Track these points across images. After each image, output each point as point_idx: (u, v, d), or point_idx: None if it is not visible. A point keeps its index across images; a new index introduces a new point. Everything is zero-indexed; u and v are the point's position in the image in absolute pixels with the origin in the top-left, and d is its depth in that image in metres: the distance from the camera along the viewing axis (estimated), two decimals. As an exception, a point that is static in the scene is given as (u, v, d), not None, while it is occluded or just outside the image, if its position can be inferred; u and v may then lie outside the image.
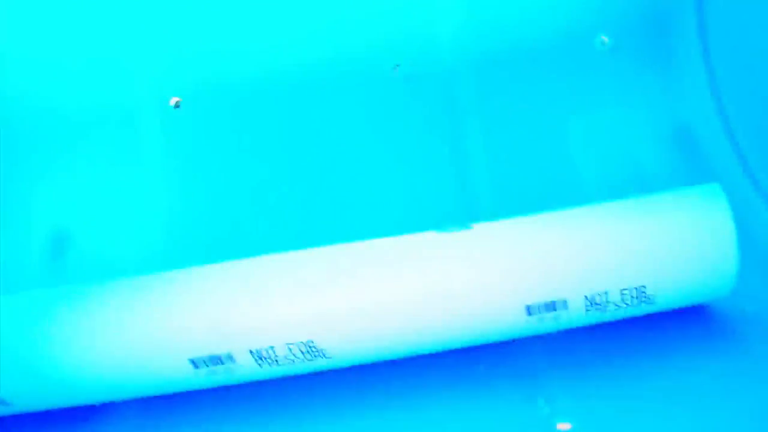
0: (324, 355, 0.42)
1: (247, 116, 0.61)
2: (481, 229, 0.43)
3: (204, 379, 0.43)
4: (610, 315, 0.44)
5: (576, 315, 0.43)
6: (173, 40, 0.61)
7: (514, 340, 0.45)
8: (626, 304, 0.43)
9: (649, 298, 0.43)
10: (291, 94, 0.60)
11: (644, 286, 0.42)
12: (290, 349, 0.42)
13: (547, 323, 0.43)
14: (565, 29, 0.61)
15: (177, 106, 0.61)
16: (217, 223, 0.58)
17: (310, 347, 0.42)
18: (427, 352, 0.44)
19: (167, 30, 0.61)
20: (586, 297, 0.42)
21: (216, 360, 0.42)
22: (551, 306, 0.42)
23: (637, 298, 0.43)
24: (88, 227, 0.60)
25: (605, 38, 0.60)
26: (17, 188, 0.61)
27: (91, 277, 0.49)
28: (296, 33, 0.60)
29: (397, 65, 0.59)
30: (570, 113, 0.60)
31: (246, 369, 0.42)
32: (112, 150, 0.61)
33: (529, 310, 0.42)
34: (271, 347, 0.41)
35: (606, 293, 0.42)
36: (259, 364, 0.42)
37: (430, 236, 0.43)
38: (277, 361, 0.42)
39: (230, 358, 0.42)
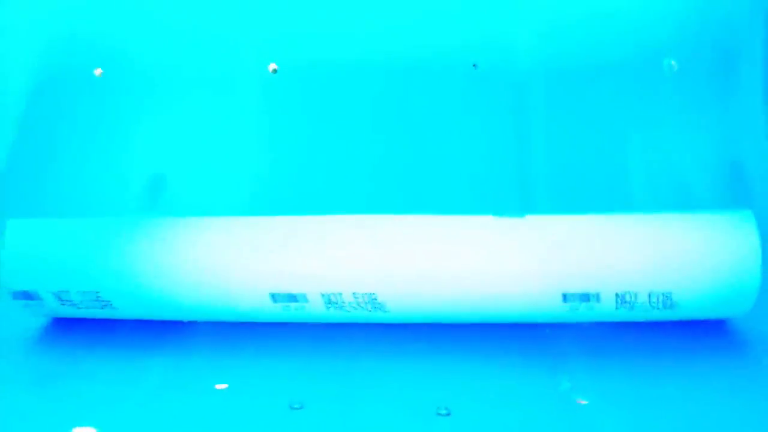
0: (383, 309, 0.49)
1: (336, 90, 0.67)
2: (532, 219, 0.49)
3: (279, 312, 0.50)
4: (637, 315, 0.49)
5: (607, 309, 0.49)
6: (281, 16, 0.68)
7: (548, 325, 0.51)
8: (652, 306, 0.48)
9: (674, 305, 0.48)
10: (378, 78, 0.67)
11: (670, 293, 0.48)
12: (355, 298, 0.49)
13: (580, 312, 0.49)
14: (637, 49, 0.66)
15: (274, 72, 0.68)
16: (299, 180, 0.65)
17: (372, 299, 0.49)
18: (470, 322, 0.51)
19: (275, 6, 0.68)
20: (617, 294, 0.48)
21: (292, 297, 0.49)
22: (585, 297, 0.48)
23: (662, 302, 0.48)
24: (183, 172, 0.68)
25: (674, 63, 0.65)
26: (126, 131, 0.68)
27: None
28: (389, 26, 0.67)
29: (476, 64, 0.65)
30: (630, 128, 0.65)
31: (315, 310, 0.50)
32: (212, 104, 0.69)
33: (566, 297, 0.48)
34: (340, 293, 0.49)
35: (635, 294, 0.48)
36: (327, 307, 0.49)
37: (487, 219, 0.49)
38: (342, 306, 0.49)
39: (304, 297, 0.49)
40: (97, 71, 0.68)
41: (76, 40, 0.68)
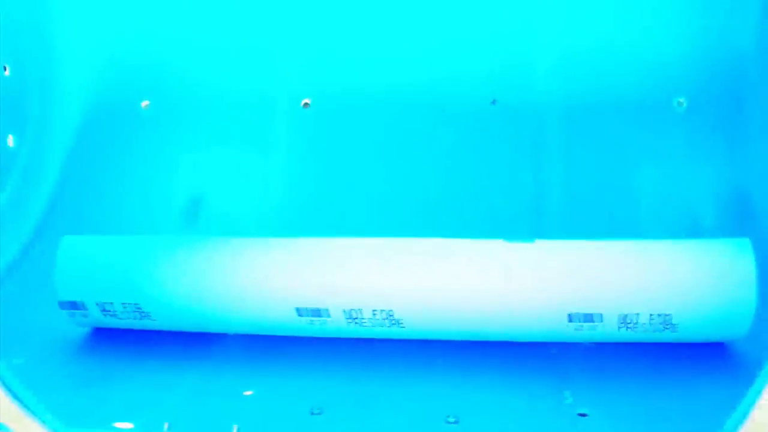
0: (399, 325, 0.53)
1: (360, 122, 0.72)
2: (541, 244, 0.53)
3: (303, 326, 0.54)
4: (639, 336, 0.52)
5: (609, 329, 0.52)
6: (311, 55, 0.73)
7: (554, 344, 0.54)
8: (653, 328, 0.51)
9: (674, 326, 0.51)
10: (402, 110, 0.71)
11: (670, 315, 0.51)
12: (374, 314, 0.52)
13: (585, 332, 0.52)
14: (648, 87, 0.69)
15: (306, 106, 0.74)
16: (324, 205, 0.69)
17: (389, 315, 0.52)
18: (479, 339, 0.54)
19: (308, 46, 0.73)
20: (619, 315, 0.51)
21: (316, 312, 0.53)
22: (589, 317, 0.51)
23: (663, 324, 0.51)
24: (218, 196, 0.73)
25: (682, 101, 0.68)
26: (167, 159, 0.74)
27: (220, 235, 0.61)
28: (413, 61, 0.72)
29: (495, 100, 0.70)
30: (641, 161, 0.68)
31: (337, 324, 0.53)
32: (246, 134, 0.74)
33: (571, 317, 0.51)
34: (360, 309, 0.52)
35: (637, 315, 0.51)
36: (348, 322, 0.53)
37: (499, 243, 0.53)
38: (362, 322, 0.53)
39: (327, 312, 0.53)
40: (144, 103, 0.74)
41: (123, 72, 0.75)
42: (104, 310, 0.56)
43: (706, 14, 0.69)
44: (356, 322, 0.53)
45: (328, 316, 0.53)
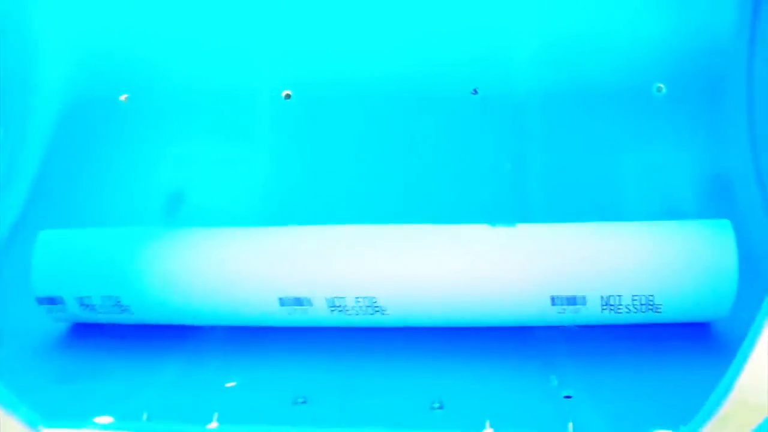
0: (383, 313, 0.53)
1: (342, 112, 0.72)
2: (523, 228, 0.53)
3: (285, 317, 0.54)
4: (622, 317, 0.52)
5: (593, 312, 0.52)
6: (292, 45, 0.73)
7: (538, 328, 0.54)
8: (636, 309, 0.51)
9: (656, 307, 0.51)
10: (384, 100, 0.71)
11: (652, 296, 0.51)
12: (357, 302, 0.52)
13: (568, 315, 0.52)
14: (628, 74, 0.70)
15: (287, 97, 0.73)
16: (305, 193, 0.69)
17: (372, 303, 0.52)
18: (464, 325, 0.54)
19: (288, 36, 0.73)
20: (602, 297, 0.51)
21: (298, 301, 0.53)
22: (572, 300, 0.51)
23: (645, 305, 0.51)
24: (199, 188, 0.72)
25: (662, 86, 0.69)
26: (146, 151, 0.73)
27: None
28: (395, 52, 0.71)
29: (476, 90, 0.70)
30: (622, 147, 0.69)
31: (320, 313, 0.53)
32: (228, 126, 0.73)
33: (554, 300, 0.51)
34: (342, 298, 0.52)
35: (619, 296, 0.51)
36: (331, 311, 0.53)
37: (481, 228, 0.53)
38: (345, 310, 0.53)
39: (309, 301, 0.52)
40: (123, 97, 0.73)
41: (102, 66, 0.74)
42: (82, 304, 0.55)
43: (685, 1, 0.69)
44: (339, 311, 0.53)
45: (311, 304, 0.53)
